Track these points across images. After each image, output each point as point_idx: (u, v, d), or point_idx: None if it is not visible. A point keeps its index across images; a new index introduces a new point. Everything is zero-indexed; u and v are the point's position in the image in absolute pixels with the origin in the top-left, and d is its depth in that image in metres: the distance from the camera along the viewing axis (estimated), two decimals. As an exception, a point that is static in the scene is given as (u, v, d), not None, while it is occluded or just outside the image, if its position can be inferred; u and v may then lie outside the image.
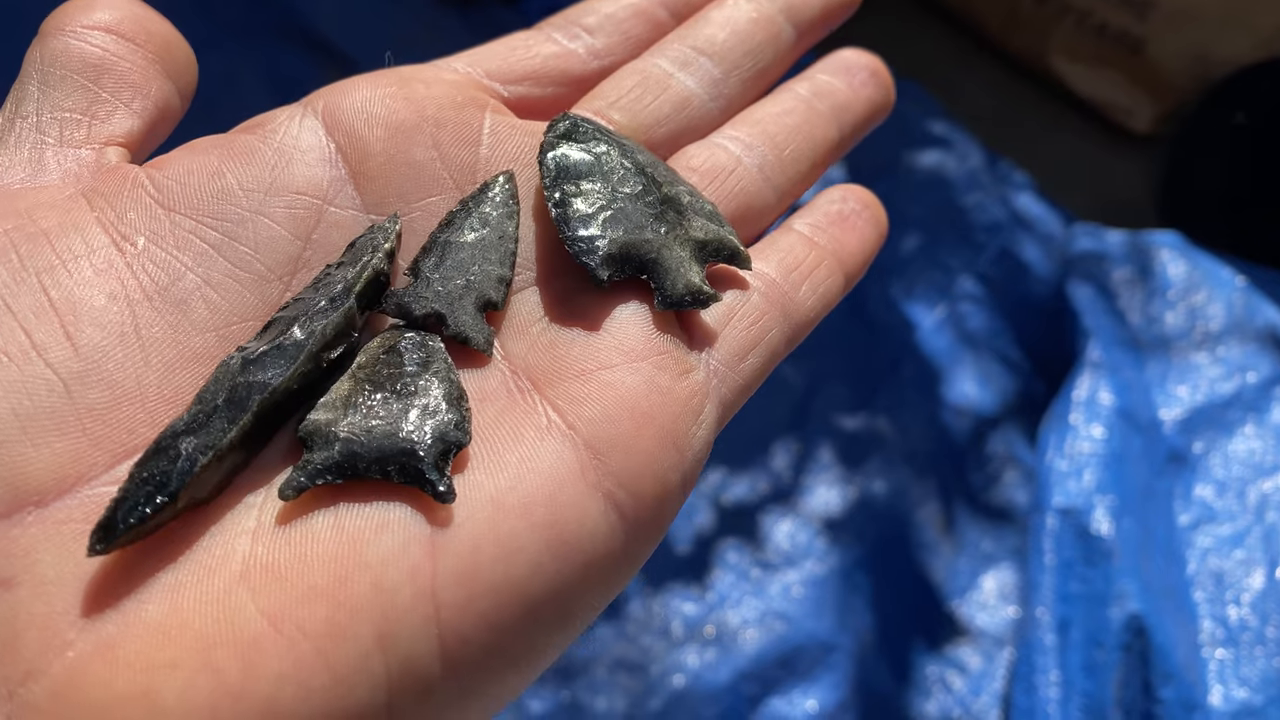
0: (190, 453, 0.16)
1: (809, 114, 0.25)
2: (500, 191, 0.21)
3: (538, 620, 0.17)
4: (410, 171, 0.21)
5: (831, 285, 0.24)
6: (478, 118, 0.22)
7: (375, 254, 0.19)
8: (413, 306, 0.20)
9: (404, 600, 0.16)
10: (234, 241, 0.19)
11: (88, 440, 0.17)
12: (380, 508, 0.17)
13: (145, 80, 0.21)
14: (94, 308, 0.18)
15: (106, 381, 0.17)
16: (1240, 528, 0.63)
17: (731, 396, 0.21)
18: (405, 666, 0.16)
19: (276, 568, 0.16)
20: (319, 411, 0.18)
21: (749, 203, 0.24)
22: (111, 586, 0.16)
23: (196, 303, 0.19)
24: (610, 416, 0.19)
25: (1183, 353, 0.72)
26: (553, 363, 0.20)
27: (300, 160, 0.21)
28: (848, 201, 0.25)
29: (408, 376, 0.19)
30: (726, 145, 0.24)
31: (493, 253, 0.21)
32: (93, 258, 0.18)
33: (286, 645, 0.15)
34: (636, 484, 0.19)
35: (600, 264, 0.20)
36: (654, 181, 0.22)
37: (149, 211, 0.19)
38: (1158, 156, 0.94)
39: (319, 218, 0.20)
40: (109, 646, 0.15)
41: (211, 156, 0.20)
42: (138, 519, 0.15)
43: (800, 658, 0.63)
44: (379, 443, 0.18)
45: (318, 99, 0.22)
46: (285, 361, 0.18)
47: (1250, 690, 0.57)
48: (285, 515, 0.17)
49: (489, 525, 0.17)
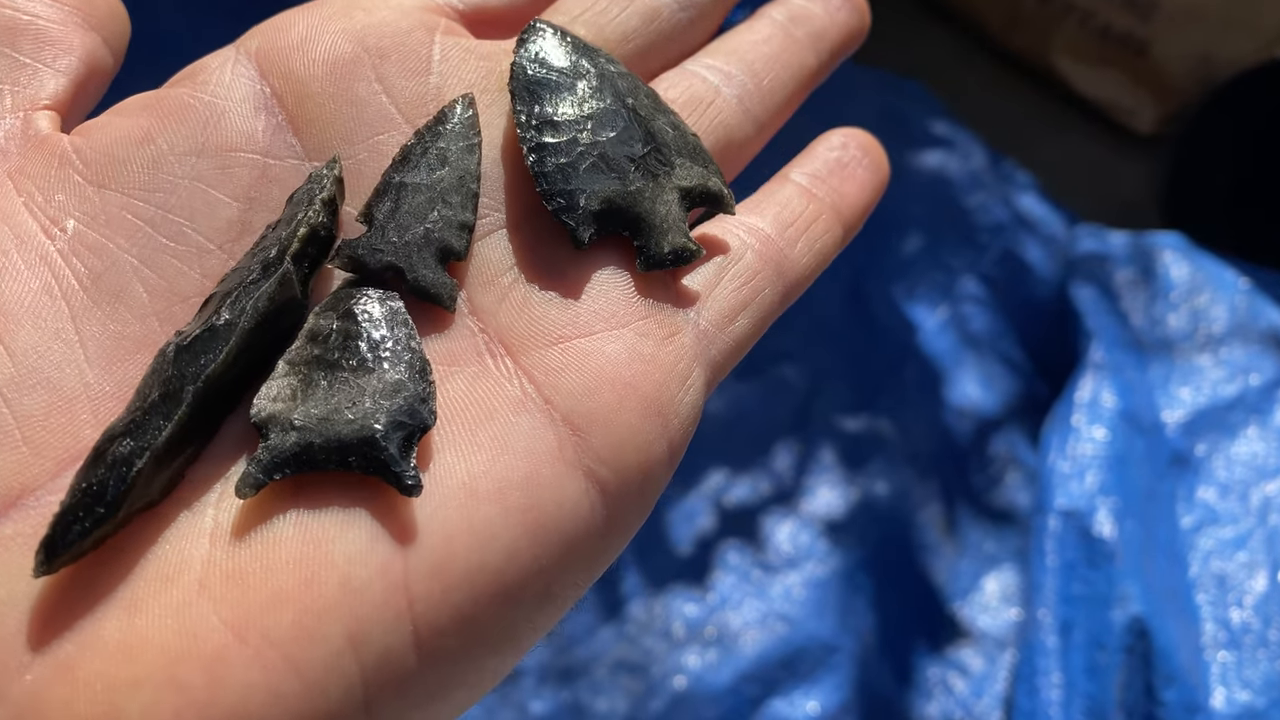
0: (125, 456, 0.15)
1: (787, 41, 0.24)
2: (459, 122, 0.20)
3: (518, 605, 0.16)
4: (353, 110, 0.20)
5: (829, 240, 0.22)
6: (425, 42, 0.21)
7: (310, 207, 0.18)
8: (367, 260, 0.18)
9: (374, 597, 0.15)
10: (168, 213, 0.18)
11: (29, 449, 0.16)
12: (344, 501, 0.16)
13: (66, 36, 0.20)
14: (26, 305, 0.17)
15: (45, 384, 0.16)
16: (1243, 530, 0.63)
17: (721, 359, 0.20)
18: (380, 664, 0.15)
19: (238, 573, 0.15)
20: (273, 395, 0.16)
21: (729, 136, 0.23)
22: (67, 604, 0.15)
23: (134, 287, 0.18)
24: (590, 389, 0.18)
25: (1185, 354, 0.72)
26: (527, 325, 0.18)
27: (233, 113, 0.19)
28: (848, 148, 0.24)
29: (365, 349, 0.17)
30: (704, 75, 0.23)
31: (453, 195, 0.19)
32: (22, 249, 0.17)
33: (252, 655, 0.14)
34: (619, 459, 0.17)
35: (581, 223, 0.19)
36: (637, 116, 0.20)
37: (78, 191, 0.18)
38: (1161, 157, 0.94)
39: (259, 174, 0.19)
40: (68, 667, 0.14)
41: (141, 119, 0.19)
42: (79, 534, 0.15)
43: (802, 659, 0.62)
44: (337, 430, 0.16)
45: (251, 38, 0.20)
46: (218, 343, 0.16)
47: (1253, 693, 0.57)
48: (243, 515, 0.16)
49: (462, 514, 0.16)
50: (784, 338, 0.76)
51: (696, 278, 0.20)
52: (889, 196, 0.26)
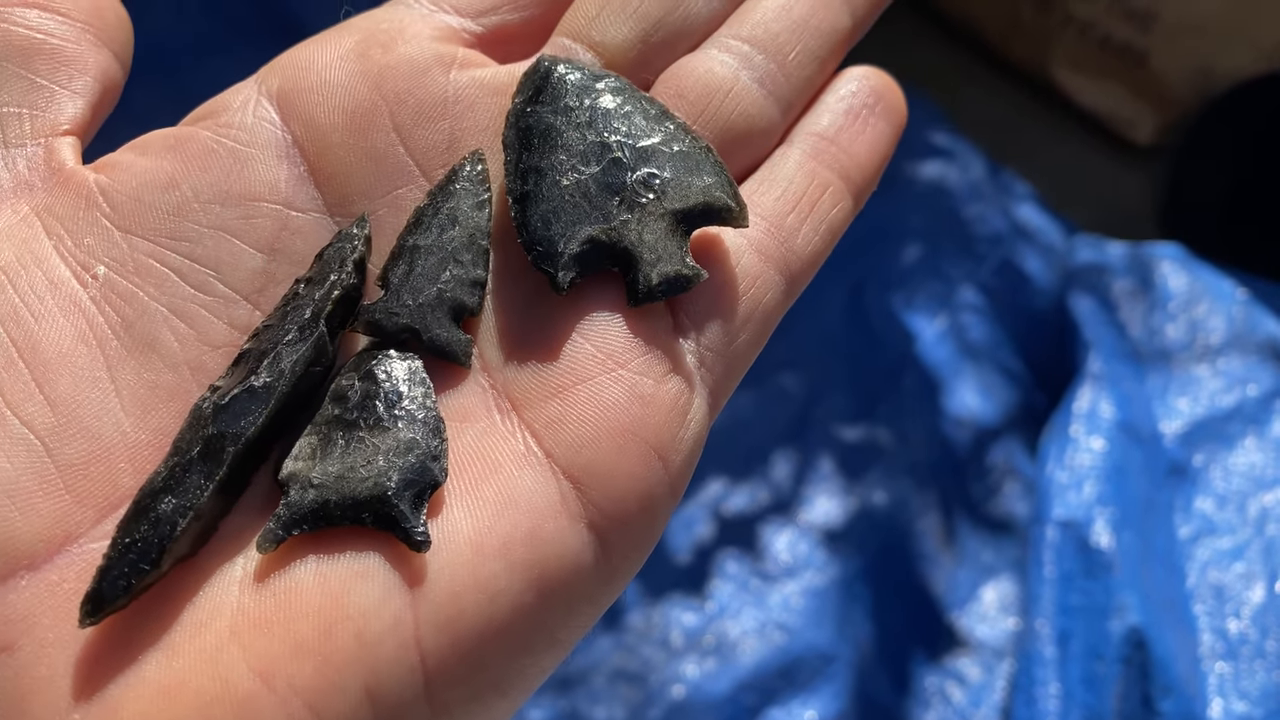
0: (169, 515, 0.16)
1: (815, 3, 0.22)
2: (467, 180, 0.20)
3: (524, 652, 0.17)
4: (371, 164, 0.20)
5: (838, 215, 0.21)
6: (441, 83, 0.20)
7: (343, 270, 0.18)
8: (384, 323, 0.19)
9: (389, 652, 0.16)
10: (196, 264, 0.18)
11: (72, 498, 0.16)
12: (358, 555, 0.17)
13: (80, 55, 0.20)
14: (62, 353, 0.17)
15: (85, 433, 0.17)
16: (1240, 541, 0.63)
17: (725, 381, 0.20)
18: (395, 714, 0.16)
19: (263, 621, 0.16)
20: (296, 454, 0.17)
21: (749, 127, 0.21)
22: (109, 647, 0.16)
23: (165, 335, 0.18)
24: (589, 439, 0.18)
25: (1183, 365, 0.72)
26: (528, 378, 0.18)
27: (257, 160, 0.19)
28: (859, 95, 0.22)
29: (382, 407, 0.18)
30: (721, 57, 0.21)
31: (465, 253, 0.19)
32: (56, 295, 0.17)
33: (279, 702, 0.15)
34: (620, 509, 0.18)
35: (561, 268, 0.19)
36: (627, 144, 0.20)
37: (106, 235, 0.18)
38: (1159, 168, 0.94)
39: (281, 225, 0.19)
40: (113, 709, 0.15)
41: (164, 162, 0.19)
42: (123, 589, 0.15)
43: (800, 668, 0.62)
44: (352, 489, 0.17)
45: (272, 76, 0.20)
46: (257, 406, 0.17)
47: (1250, 703, 0.57)
48: (265, 567, 0.16)
49: (469, 570, 0.16)
50: (782, 347, 0.76)
51: (693, 295, 0.20)
52: (888, 205, 0.26)
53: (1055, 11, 0.99)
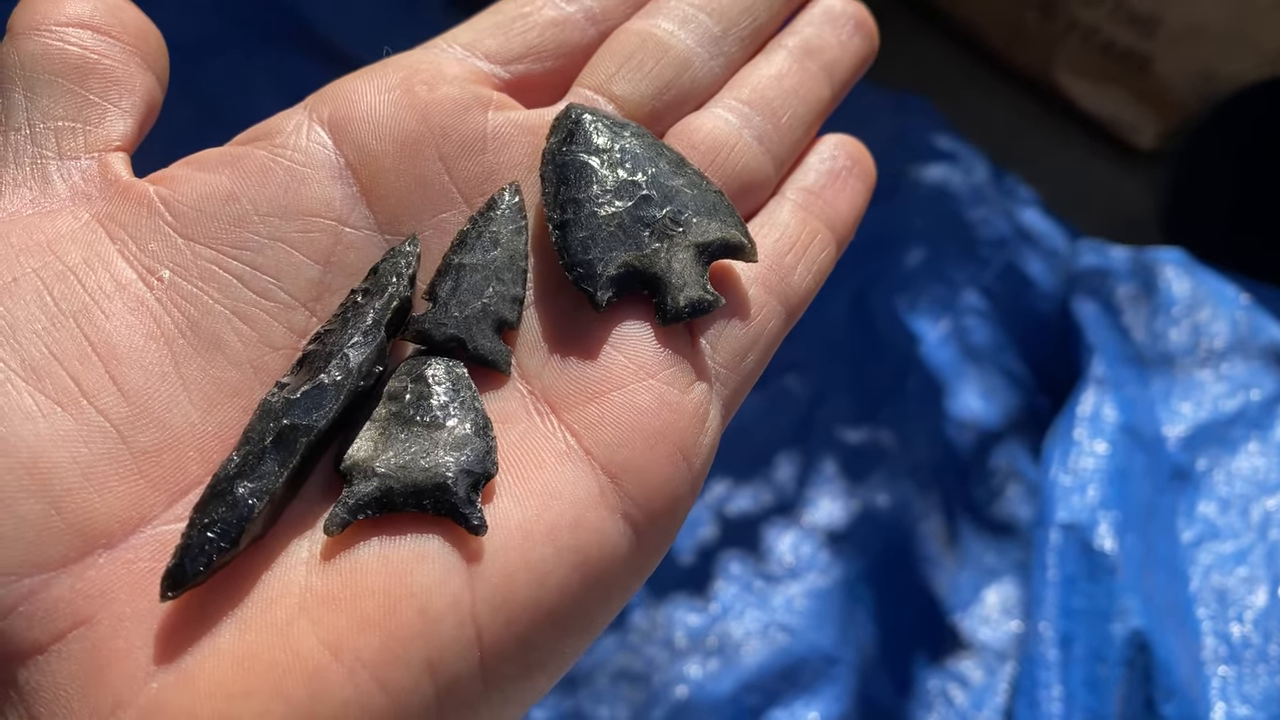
0: (246, 498, 0.17)
1: (803, 76, 0.25)
2: (507, 207, 0.22)
3: (566, 632, 0.18)
4: (419, 190, 0.21)
5: (825, 259, 0.24)
6: (480, 121, 0.22)
7: (400, 282, 0.20)
8: (433, 333, 0.21)
9: (449, 629, 0.17)
10: (256, 271, 0.20)
11: (145, 482, 0.18)
12: (419, 538, 0.18)
13: (129, 75, 0.21)
14: (133, 348, 0.18)
15: (156, 423, 0.18)
16: (1243, 545, 0.63)
17: (735, 396, 0.22)
18: (453, 687, 0.17)
19: (330, 598, 0.17)
20: (357, 446, 0.19)
21: (751, 179, 0.24)
22: (185, 622, 0.17)
23: (228, 336, 0.19)
24: (624, 440, 0.19)
25: (1186, 369, 0.72)
26: (567, 384, 0.20)
27: (313, 179, 0.21)
28: (838, 159, 0.25)
29: (436, 408, 0.20)
30: (726, 116, 0.24)
31: (506, 272, 0.21)
32: (124, 295, 0.19)
33: (347, 673, 0.16)
34: (651, 502, 0.19)
35: (600, 288, 0.21)
36: (655, 183, 0.22)
37: (169, 241, 0.19)
38: (1162, 173, 0.94)
39: (335, 239, 0.21)
40: (189, 677, 0.16)
41: (223, 177, 0.20)
42: (205, 565, 0.17)
43: (803, 670, 0.63)
44: (414, 478, 0.18)
45: (322, 105, 0.22)
46: (327, 402, 0.19)
47: (1252, 708, 0.57)
48: (331, 548, 0.18)
49: (520, 554, 0.18)
50: (787, 350, 0.76)
51: (711, 317, 0.22)
52: (892, 210, 0.27)
53: (1059, 17, 0.99)
